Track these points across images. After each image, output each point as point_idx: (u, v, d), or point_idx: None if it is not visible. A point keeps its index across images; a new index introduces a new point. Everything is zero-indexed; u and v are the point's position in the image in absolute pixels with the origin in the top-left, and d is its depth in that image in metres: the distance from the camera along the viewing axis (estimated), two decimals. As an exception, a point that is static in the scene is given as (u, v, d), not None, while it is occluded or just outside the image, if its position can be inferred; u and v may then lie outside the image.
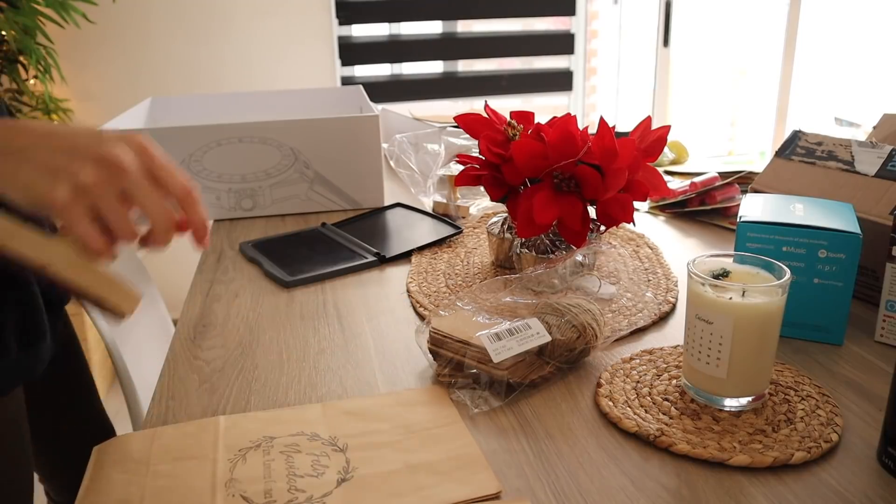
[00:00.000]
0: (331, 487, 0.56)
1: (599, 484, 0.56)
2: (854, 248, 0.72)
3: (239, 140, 1.18)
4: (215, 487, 0.56)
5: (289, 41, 2.59)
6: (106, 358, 2.35)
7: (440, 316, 0.74)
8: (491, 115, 0.94)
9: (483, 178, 0.91)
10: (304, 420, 0.65)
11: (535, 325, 0.70)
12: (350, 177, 1.23)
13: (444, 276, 0.96)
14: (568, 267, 0.81)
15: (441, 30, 2.89)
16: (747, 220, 0.76)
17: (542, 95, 3.04)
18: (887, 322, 0.75)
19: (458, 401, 0.67)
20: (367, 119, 1.21)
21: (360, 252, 1.05)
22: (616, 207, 0.84)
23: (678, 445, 0.59)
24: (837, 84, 3.32)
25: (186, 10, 2.46)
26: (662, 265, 0.97)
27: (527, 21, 2.96)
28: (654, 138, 0.89)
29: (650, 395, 0.67)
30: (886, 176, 0.86)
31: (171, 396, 0.71)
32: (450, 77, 2.96)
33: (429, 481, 0.56)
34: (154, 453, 0.61)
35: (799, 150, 0.97)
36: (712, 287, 0.62)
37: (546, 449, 0.60)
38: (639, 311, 0.84)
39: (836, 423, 0.62)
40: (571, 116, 0.87)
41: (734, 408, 0.64)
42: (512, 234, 0.95)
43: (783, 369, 0.70)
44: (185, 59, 2.50)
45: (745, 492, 0.55)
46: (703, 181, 1.20)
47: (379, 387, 0.71)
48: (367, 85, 1.85)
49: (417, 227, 1.14)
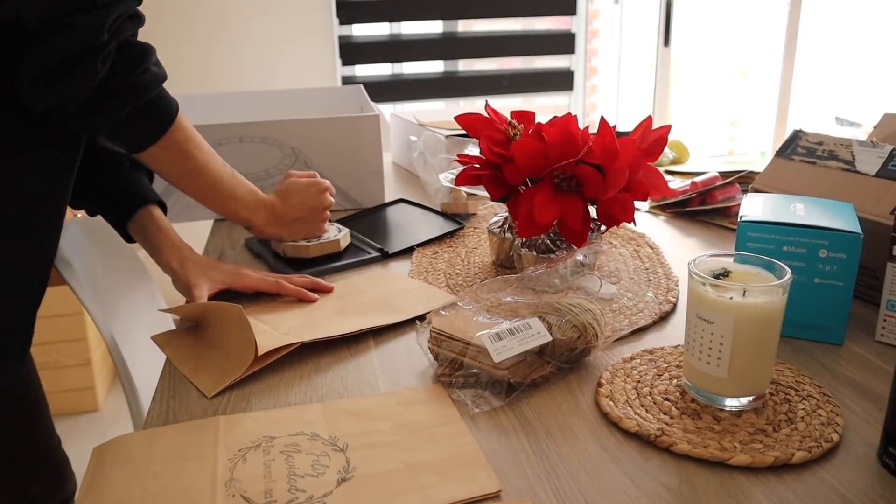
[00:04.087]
0: (331, 487, 0.56)
1: (600, 483, 0.56)
2: (855, 247, 0.72)
3: (240, 140, 1.18)
4: (215, 487, 0.56)
5: (289, 41, 2.59)
6: (106, 357, 2.36)
7: (441, 315, 0.74)
8: (492, 115, 0.94)
9: (484, 177, 0.91)
10: (303, 420, 0.65)
11: (536, 324, 0.70)
12: (351, 176, 1.23)
13: (444, 276, 0.96)
14: (569, 267, 0.81)
15: (442, 29, 2.89)
16: (748, 219, 0.76)
17: (542, 95, 3.04)
18: (888, 322, 0.75)
19: (458, 400, 0.67)
20: (367, 119, 1.21)
21: (363, 248, 1.05)
22: (617, 207, 0.84)
23: (679, 445, 0.59)
24: (838, 84, 3.32)
25: (187, 10, 2.46)
26: (663, 265, 0.97)
27: (527, 20, 2.96)
28: (655, 138, 0.89)
29: (651, 395, 0.67)
30: (887, 176, 0.86)
31: (172, 396, 0.71)
32: (450, 77, 2.96)
33: (429, 481, 0.56)
34: (154, 453, 0.61)
35: (800, 150, 0.97)
36: (713, 287, 0.62)
37: (547, 448, 0.60)
38: (639, 310, 0.84)
39: (837, 422, 0.62)
40: (572, 116, 0.87)
41: (735, 407, 0.64)
42: (513, 234, 0.95)
43: (784, 369, 0.70)
44: (186, 59, 2.50)
45: (745, 491, 0.55)
46: (703, 181, 1.20)
47: (379, 386, 0.71)
48: (368, 84, 1.85)
49: (421, 223, 1.15)
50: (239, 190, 0.93)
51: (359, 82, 2.47)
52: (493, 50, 2.91)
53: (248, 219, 0.95)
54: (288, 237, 1.00)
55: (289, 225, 0.99)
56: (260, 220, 0.96)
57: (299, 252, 1.01)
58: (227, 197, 0.92)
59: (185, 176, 0.86)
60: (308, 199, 0.99)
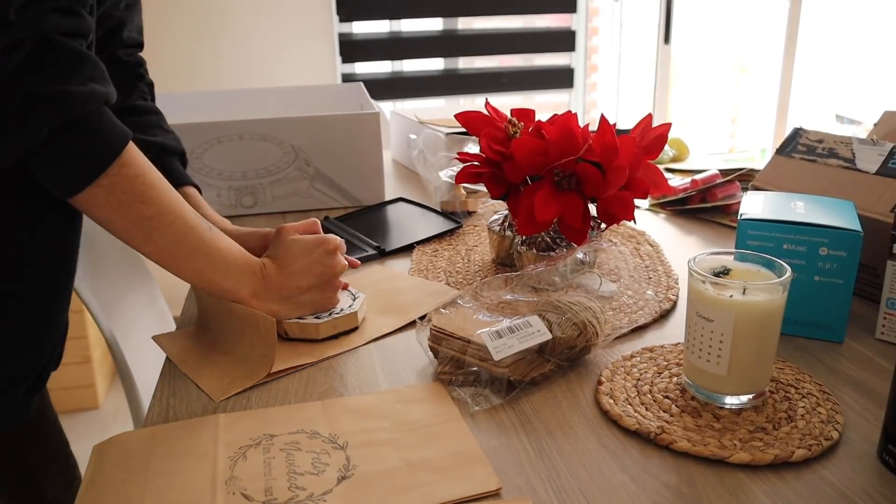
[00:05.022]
0: (331, 485, 0.56)
1: (600, 481, 0.56)
2: (855, 245, 0.72)
3: (239, 137, 1.17)
4: (216, 485, 0.56)
5: (289, 38, 2.59)
6: (106, 355, 2.36)
7: (441, 313, 0.74)
8: (492, 113, 0.94)
9: (484, 175, 0.91)
10: (303, 418, 0.65)
11: (536, 322, 0.70)
12: (351, 174, 1.23)
13: (444, 274, 0.96)
14: (569, 264, 0.81)
15: (442, 27, 2.88)
16: (748, 217, 0.76)
17: (542, 93, 3.04)
18: (888, 320, 0.75)
19: (458, 398, 0.67)
20: (367, 116, 1.21)
21: (360, 245, 1.05)
22: (617, 205, 0.84)
23: (679, 443, 0.59)
24: (838, 81, 3.32)
25: (187, 7, 2.46)
26: (663, 263, 0.97)
27: (527, 18, 2.96)
28: (655, 136, 0.88)
29: (651, 393, 0.67)
30: (887, 173, 0.86)
31: (172, 394, 0.71)
32: (450, 74, 2.96)
33: (429, 479, 0.56)
34: (154, 451, 0.61)
35: (800, 148, 0.97)
36: (713, 285, 0.62)
37: (546, 446, 0.60)
38: (639, 308, 0.84)
39: (837, 420, 0.62)
40: (572, 114, 0.87)
41: (735, 405, 0.64)
42: (513, 232, 0.95)
43: (784, 367, 0.70)
44: (186, 56, 2.50)
45: (745, 489, 0.55)
46: (703, 178, 1.19)
47: (380, 384, 0.71)
48: (368, 82, 1.85)
49: (419, 222, 1.15)
50: (219, 249, 0.71)
51: (359, 80, 2.47)
52: (493, 47, 2.91)
53: (232, 289, 0.72)
54: (289, 314, 0.77)
55: (289, 299, 0.76)
56: (248, 291, 0.73)
57: (307, 333, 0.78)
58: (201, 257, 0.70)
59: (140, 226, 0.65)
60: (314, 264, 0.77)
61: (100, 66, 0.61)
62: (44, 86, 0.56)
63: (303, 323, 0.77)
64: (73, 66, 0.58)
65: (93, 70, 0.59)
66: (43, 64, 0.56)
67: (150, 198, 0.65)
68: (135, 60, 0.95)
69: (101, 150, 0.61)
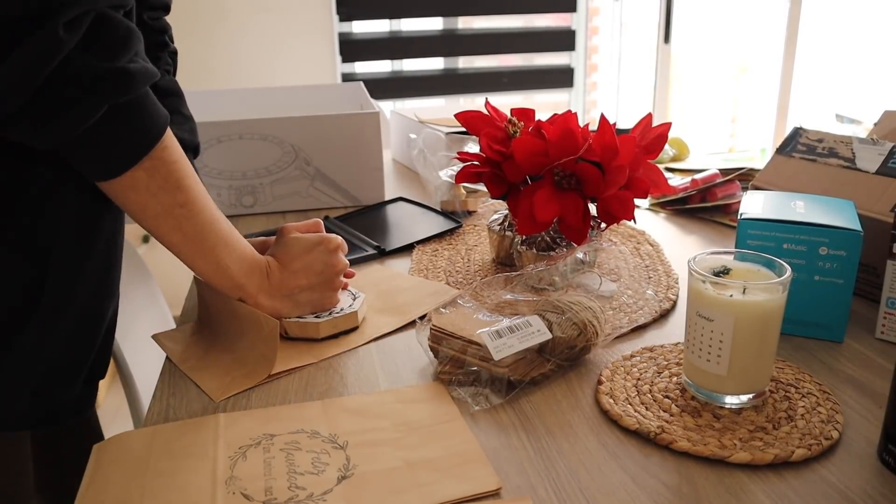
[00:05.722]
0: (331, 485, 0.56)
1: (600, 481, 0.56)
2: (855, 245, 0.72)
3: (239, 137, 1.17)
4: (216, 485, 0.56)
5: (289, 37, 2.59)
6: (107, 355, 2.36)
7: (441, 313, 0.74)
8: (491, 112, 0.94)
9: (484, 175, 0.91)
10: (303, 417, 0.65)
11: (536, 322, 0.70)
12: (351, 174, 1.23)
13: (444, 273, 0.96)
14: (569, 264, 0.81)
15: (442, 26, 2.88)
16: (748, 217, 0.76)
17: (542, 92, 3.04)
18: (888, 319, 0.75)
19: (458, 398, 0.67)
20: (367, 116, 1.21)
21: (360, 245, 1.05)
22: (617, 204, 0.84)
23: (679, 443, 0.59)
24: (838, 81, 3.32)
25: (186, 6, 2.46)
26: (663, 262, 0.97)
27: (528, 17, 2.96)
28: (655, 135, 0.88)
29: (651, 393, 0.67)
30: (887, 173, 0.86)
31: (172, 394, 0.71)
32: (450, 74, 2.96)
33: (429, 478, 0.56)
34: (154, 451, 0.61)
35: (800, 147, 0.97)
36: (713, 284, 0.62)
37: (546, 446, 0.60)
38: (639, 308, 0.84)
39: (837, 420, 0.62)
40: (572, 113, 0.87)
41: (735, 405, 0.64)
42: (513, 232, 0.95)
43: (784, 366, 0.70)
44: (185, 56, 2.49)
45: (745, 489, 0.55)
46: (703, 178, 1.19)
47: (380, 384, 0.71)
48: (368, 81, 1.85)
49: (419, 221, 1.15)
50: (238, 241, 0.72)
51: (359, 79, 2.47)
52: (493, 47, 2.91)
53: (244, 285, 0.73)
54: (290, 312, 0.78)
55: (291, 296, 0.77)
56: (256, 287, 0.74)
57: (306, 331, 0.78)
58: (222, 249, 0.69)
59: (173, 214, 0.64)
60: (315, 261, 0.77)
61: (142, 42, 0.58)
62: (104, 63, 0.54)
63: (303, 322, 0.78)
64: (127, 42, 0.55)
65: (141, 45, 0.57)
66: (101, 38, 0.53)
67: (185, 186, 0.64)
68: (160, 26, 0.89)
69: (148, 131, 0.59)
